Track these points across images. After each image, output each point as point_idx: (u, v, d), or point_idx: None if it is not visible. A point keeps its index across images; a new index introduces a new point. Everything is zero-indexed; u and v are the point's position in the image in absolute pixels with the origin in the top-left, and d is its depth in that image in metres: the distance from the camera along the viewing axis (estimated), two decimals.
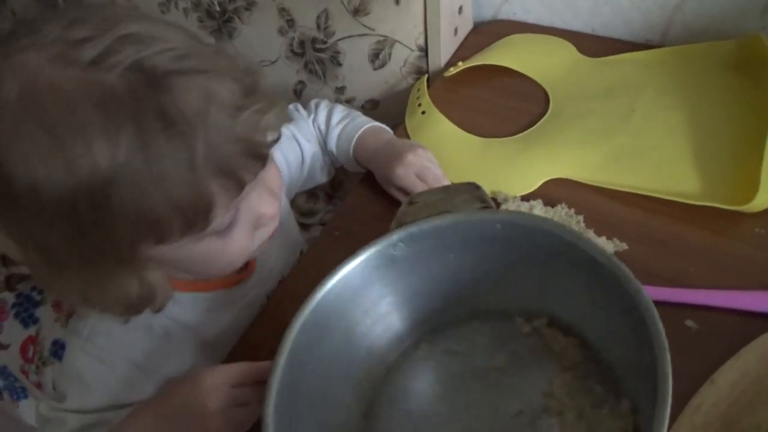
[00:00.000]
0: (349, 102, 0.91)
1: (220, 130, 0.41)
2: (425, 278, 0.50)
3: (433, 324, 0.52)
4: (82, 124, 0.38)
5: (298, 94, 0.95)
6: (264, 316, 0.62)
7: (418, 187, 0.62)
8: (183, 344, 0.58)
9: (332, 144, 0.72)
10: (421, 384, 0.50)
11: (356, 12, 0.81)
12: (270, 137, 0.45)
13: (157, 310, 0.50)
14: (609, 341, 0.45)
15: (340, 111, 0.74)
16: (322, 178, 0.75)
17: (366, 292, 0.49)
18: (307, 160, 0.71)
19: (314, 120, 0.73)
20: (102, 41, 0.39)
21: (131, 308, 0.48)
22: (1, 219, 0.43)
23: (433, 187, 0.62)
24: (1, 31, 0.43)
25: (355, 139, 0.69)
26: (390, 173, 0.64)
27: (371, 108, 0.90)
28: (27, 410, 1.20)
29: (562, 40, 0.82)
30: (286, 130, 0.70)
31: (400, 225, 0.48)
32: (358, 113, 0.74)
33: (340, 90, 0.90)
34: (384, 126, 0.73)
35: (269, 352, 0.55)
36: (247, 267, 0.61)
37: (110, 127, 0.38)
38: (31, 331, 1.03)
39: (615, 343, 0.44)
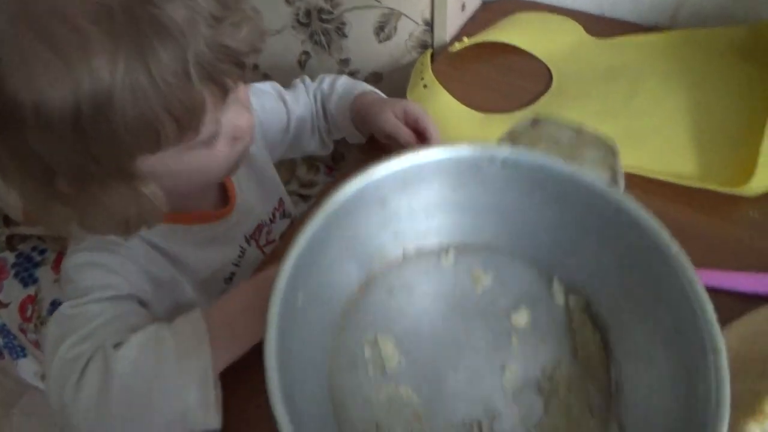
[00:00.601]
0: (353, 74, 0.91)
1: (206, 38, 0.43)
2: (497, 206, 0.46)
3: (477, 242, 0.49)
4: (83, 38, 0.39)
5: (303, 64, 0.95)
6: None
7: (426, 119, 0.64)
8: (167, 269, 0.59)
9: (333, 103, 0.72)
10: (431, 288, 0.48)
11: None
12: (250, 50, 0.46)
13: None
14: (637, 362, 0.43)
15: (346, 78, 0.74)
16: (311, 145, 0.76)
17: (431, 187, 0.46)
18: (293, 122, 0.72)
19: (317, 88, 0.74)
20: None
21: (129, 226, 0.50)
22: (3, 144, 0.44)
23: (433, 136, 0.63)
24: None
25: (355, 93, 0.71)
26: (397, 102, 0.66)
27: (375, 81, 0.90)
28: (25, 368, 1.22)
29: (569, 19, 0.81)
30: (273, 91, 0.72)
31: (513, 141, 0.44)
32: (364, 83, 0.74)
33: (345, 62, 0.90)
34: None
35: None
36: (227, 204, 0.63)
37: (109, 39, 0.40)
38: (30, 290, 1.04)
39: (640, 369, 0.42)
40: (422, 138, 0.64)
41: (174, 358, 0.45)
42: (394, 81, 0.87)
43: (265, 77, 1.01)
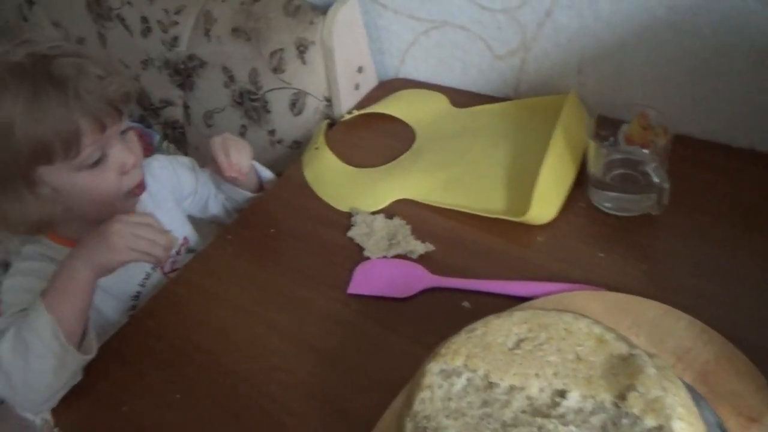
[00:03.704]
0: (279, 142, 1.11)
1: (86, 87, 0.65)
2: None
3: None
4: (2, 83, 0.64)
5: (243, 135, 1.16)
6: (162, 292, 0.81)
7: (229, 145, 0.84)
8: None
9: None
10: None
11: (276, 70, 1.03)
12: (122, 100, 0.70)
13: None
14: None
15: None
16: (214, 208, 0.97)
17: None
18: (200, 187, 0.95)
19: None
20: (10, 44, 0.66)
21: (33, 227, 0.71)
22: None
23: (231, 159, 0.83)
24: None
25: None
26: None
27: (297, 148, 1.10)
28: None
29: (438, 94, 1.01)
30: (189, 163, 0.95)
31: None
32: None
33: (272, 133, 1.11)
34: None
35: (155, 317, 0.74)
36: None
37: (17, 84, 0.63)
38: None
39: None
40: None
41: (30, 332, 0.64)
42: None
43: None
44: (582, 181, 0.78)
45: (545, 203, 0.74)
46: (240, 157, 0.84)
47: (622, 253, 0.70)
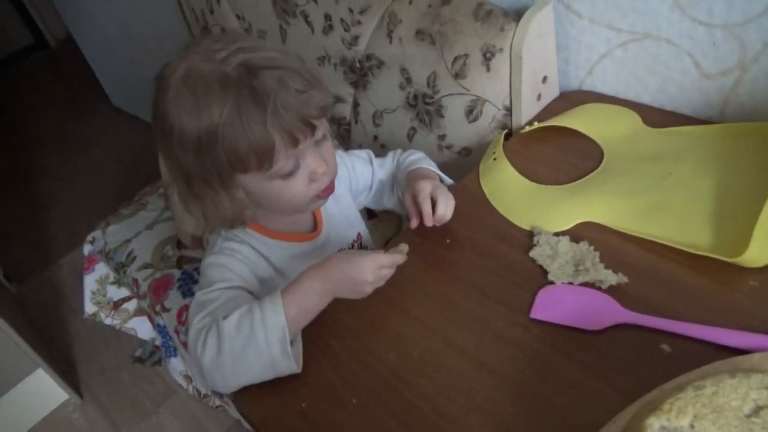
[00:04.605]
0: (448, 148, 1.10)
1: (284, 103, 0.65)
2: None
3: None
4: (209, 92, 0.64)
5: (410, 137, 1.15)
6: None
7: (442, 202, 0.80)
8: (269, 271, 0.80)
9: (401, 171, 0.91)
10: None
11: (457, 75, 1.01)
12: (318, 116, 0.69)
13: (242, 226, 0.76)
14: None
15: (421, 154, 0.94)
16: (390, 202, 0.96)
17: None
18: (376, 181, 0.94)
19: (401, 157, 0.94)
20: (227, 50, 0.66)
21: (227, 223, 0.74)
22: (164, 152, 0.70)
23: (439, 213, 0.80)
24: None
25: (414, 166, 0.91)
26: (437, 184, 0.83)
27: (465, 155, 1.08)
28: (174, 367, 1.50)
29: (629, 110, 0.94)
30: (366, 156, 0.94)
31: None
32: (431, 162, 0.93)
33: (442, 138, 1.09)
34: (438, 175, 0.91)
35: (331, 314, 0.75)
36: (315, 229, 0.85)
37: (223, 95, 0.64)
38: (187, 301, 1.31)
39: None
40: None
41: (260, 324, 0.66)
42: (479, 155, 1.03)
43: (382, 147, 1.23)
44: None
45: (766, 244, 0.66)
46: (446, 211, 0.81)
47: None
